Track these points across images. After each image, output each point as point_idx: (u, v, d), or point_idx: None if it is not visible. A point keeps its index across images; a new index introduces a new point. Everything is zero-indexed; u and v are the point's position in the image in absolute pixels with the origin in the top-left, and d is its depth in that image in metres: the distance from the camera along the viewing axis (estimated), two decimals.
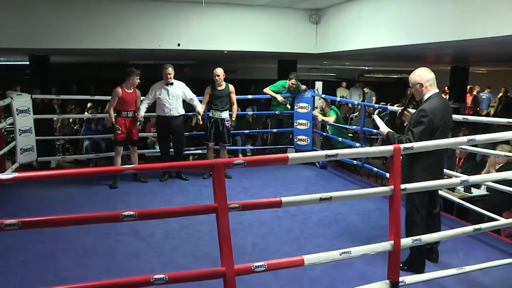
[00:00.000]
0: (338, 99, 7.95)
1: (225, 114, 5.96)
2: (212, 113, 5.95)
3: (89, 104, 9.35)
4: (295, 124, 7.14)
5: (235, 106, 6.11)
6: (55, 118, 8.89)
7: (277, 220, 4.53)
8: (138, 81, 5.75)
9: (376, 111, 8.80)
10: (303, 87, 7.08)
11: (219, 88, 5.92)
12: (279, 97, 6.91)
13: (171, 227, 4.26)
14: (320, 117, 6.96)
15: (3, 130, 6.30)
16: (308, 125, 7.04)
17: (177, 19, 7.56)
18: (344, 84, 13.93)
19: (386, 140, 3.34)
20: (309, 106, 7.02)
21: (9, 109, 6.04)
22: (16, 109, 5.90)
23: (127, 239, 4.02)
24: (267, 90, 7.09)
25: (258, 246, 3.93)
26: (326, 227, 4.42)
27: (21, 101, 6.01)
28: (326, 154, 2.78)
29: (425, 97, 3.29)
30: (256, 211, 4.13)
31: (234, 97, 6.06)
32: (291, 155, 2.63)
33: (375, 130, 6.10)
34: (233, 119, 6.11)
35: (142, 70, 5.84)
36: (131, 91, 5.76)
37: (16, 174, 2.15)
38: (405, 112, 3.66)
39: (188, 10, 7.54)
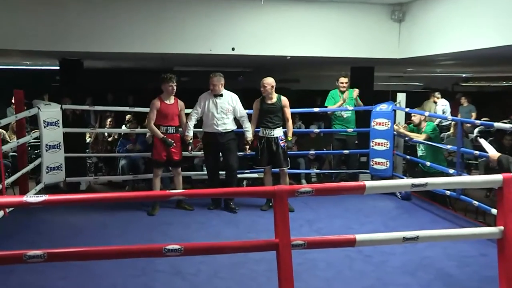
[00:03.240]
0: (427, 114, 7.74)
1: (278, 132, 5.94)
2: (263, 132, 5.96)
3: (127, 117, 9.47)
4: (371, 144, 7.07)
5: (290, 123, 6.07)
6: (88, 133, 9.23)
7: (348, 261, 4.44)
8: (173, 87, 5.84)
9: (476, 130, 8.46)
10: (355, 91, 7.15)
11: (269, 102, 5.93)
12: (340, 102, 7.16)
13: (220, 264, 4.27)
14: (406, 133, 6.75)
15: (27, 145, 6.55)
16: (388, 146, 6.93)
17: (231, 19, 7.69)
18: (436, 95, 12.25)
19: (498, 167, 3.15)
20: (389, 122, 6.91)
21: (35, 121, 6.26)
22: (44, 121, 6.10)
23: (166, 278, 4.05)
24: (329, 108, 7.30)
25: None
26: (410, 274, 4.26)
27: (49, 111, 6.21)
28: (412, 184, 2.72)
29: None
30: (323, 249, 4.08)
31: (288, 111, 6.03)
32: (369, 183, 2.59)
33: (477, 152, 5.83)
34: (289, 138, 6.05)
35: (188, 77, 5.98)
36: (172, 102, 5.92)
37: (46, 197, 2.24)
38: None
39: (244, 9, 7.67)
